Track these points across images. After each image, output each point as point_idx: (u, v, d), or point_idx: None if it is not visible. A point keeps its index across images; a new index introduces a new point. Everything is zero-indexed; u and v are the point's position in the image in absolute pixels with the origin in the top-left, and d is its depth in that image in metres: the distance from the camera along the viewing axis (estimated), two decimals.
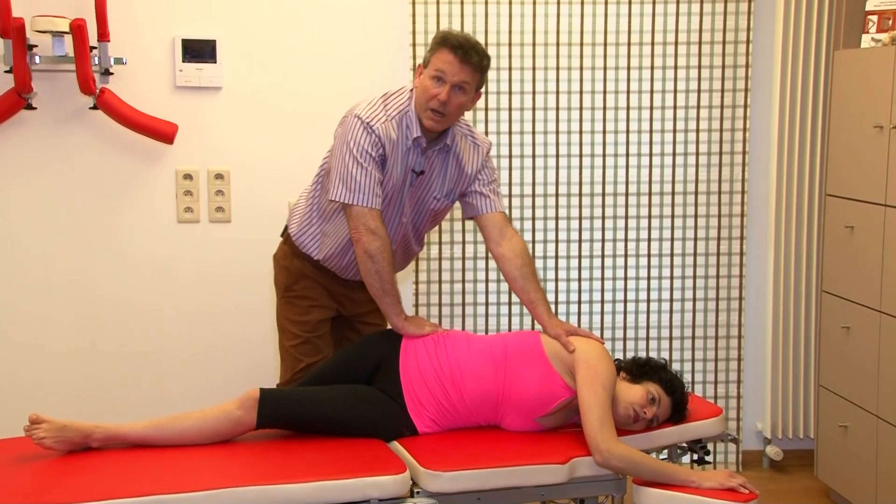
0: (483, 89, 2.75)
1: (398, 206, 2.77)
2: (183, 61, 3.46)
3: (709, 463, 2.81)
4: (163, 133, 3.42)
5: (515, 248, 2.80)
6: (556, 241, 3.72)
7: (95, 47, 3.32)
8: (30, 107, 3.34)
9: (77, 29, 3.20)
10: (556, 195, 3.70)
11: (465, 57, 2.63)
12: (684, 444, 2.79)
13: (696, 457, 2.78)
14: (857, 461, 3.36)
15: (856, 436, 3.37)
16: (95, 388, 3.56)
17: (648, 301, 3.79)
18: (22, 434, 2.41)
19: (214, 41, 3.48)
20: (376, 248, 2.65)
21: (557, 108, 3.67)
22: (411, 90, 2.73)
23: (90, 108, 3.38)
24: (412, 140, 2.69)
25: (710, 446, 2.85)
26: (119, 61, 3.37)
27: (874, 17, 3.37)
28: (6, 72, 3.27)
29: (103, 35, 3.31)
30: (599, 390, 2.50)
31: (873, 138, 3.23)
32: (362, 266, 2.70)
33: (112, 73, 3.37)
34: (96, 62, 3.32)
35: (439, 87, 2.63)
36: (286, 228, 2.95)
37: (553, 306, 3.71)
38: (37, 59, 3.29)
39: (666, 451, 2.80)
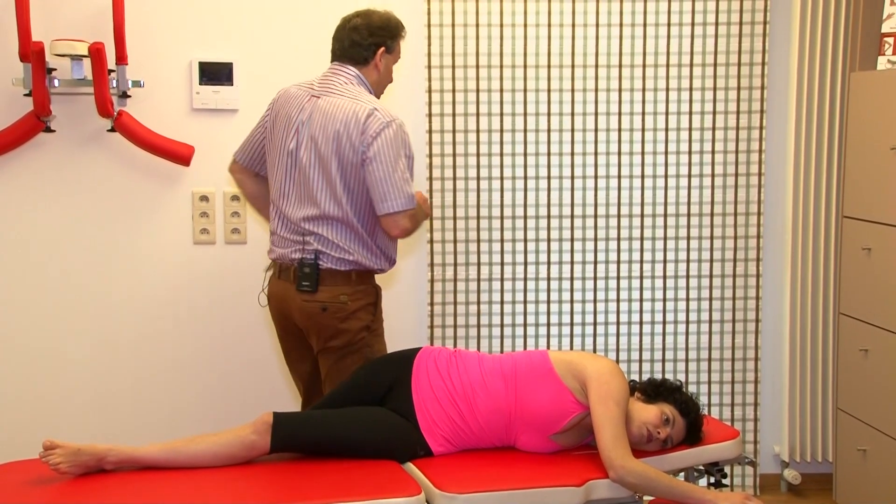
0: None
1: None
2: (200, 84, 3.49)
3: (726, 486, 2.79)
4: (179, 155, 3.44)
5: None
6: (572, 263, 3.72)
7: (114, 70, 3.35)
8: (48, 129, 3.37)
9: (96, 52, 3.23)
10: (572, 216, 3.70)
11: None
12: (701, 467, 2.77)
13: (712, 479, 2.76)
14: (877, 485, 3.33)
15: (875, 460, 3.33)
16: (111, 407, 3.57)
17: (664, 323, 3.77)
18: (38, 455, 2.41)
19: (231, 64, 3.51)
20: (416, 220, 2.84)
21: (573, 130, 3.67)
22: (352, 75, 2.86)
23: (108, 131, 3.41)
24: None
25: (727, 469, 2.83)
26: (137, 84, 3.40)
27: (890, 39, 3.36)
28: (25, 95, 3.30)
29: (121, 58, 3.34)
30: (612, 406, 2.49)
31: (890, 160, 3.22)
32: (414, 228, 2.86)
33: (130, 96, 3.40)
34: (114, 85, 3.35)
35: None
36: (336, 276, 2.82)
37: (568, 328, 3.73)
38: (56, 83, 3.33)
39: (682, 473, 2.78)
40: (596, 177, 3.70)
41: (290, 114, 2.85)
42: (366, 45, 2.85)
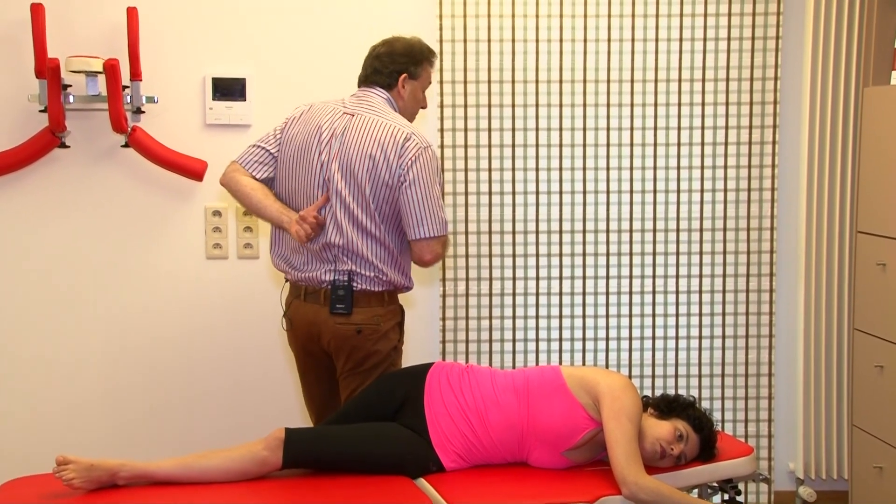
0: None
1: None
2: (213, 99, 3.51)
3: (740, 503, 2.77)
4: (192, 170, 3.46)
5: None
6: (584, 278, 3.71)
7: (128, 86, 3.37)
8: (63, 145, 3.40)
9: (110, 69, 3.26)
10: (584, 231, 3.70)
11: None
12: (715, 484, 2.76)
13: (726, 496, 2.74)
14: (894, 503, 3.30)
15: (891, 477, 3.31)
16: (124, 422, 3.57)
17: (677, 338, 3.76)
18: (51, 470, 2.41)
19: (244, 80, 3.52)
20: (448, 247, 2.91)
21: (584, 145, 3.67)
22: (384, 98, 2.86)
23: (122, 146, 3.43)
24: None
25: (741, 486, 2.81)
26: (151, 100, 3.42)
27: None
28: (41, 111, 3.32)
29: (136, 74, 3.36)
30: (625, 422, 2.48)
31: None
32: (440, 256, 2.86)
33: (144, 112, 3.42)
34: (128, 101, 3.37)
35: (424, 95, 2.96)
36: (368, 298, 2.78)
37: (581, 343, 3.72)
38: (71, 99, 3.35)
39: (696, 490, 2.76)
40: (608, 192, 3.69)
41: (320, 126, 2.79)
42: (387, 72, 2.85)
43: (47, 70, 3.24)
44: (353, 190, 2.73)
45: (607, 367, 3.73)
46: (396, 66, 2.85)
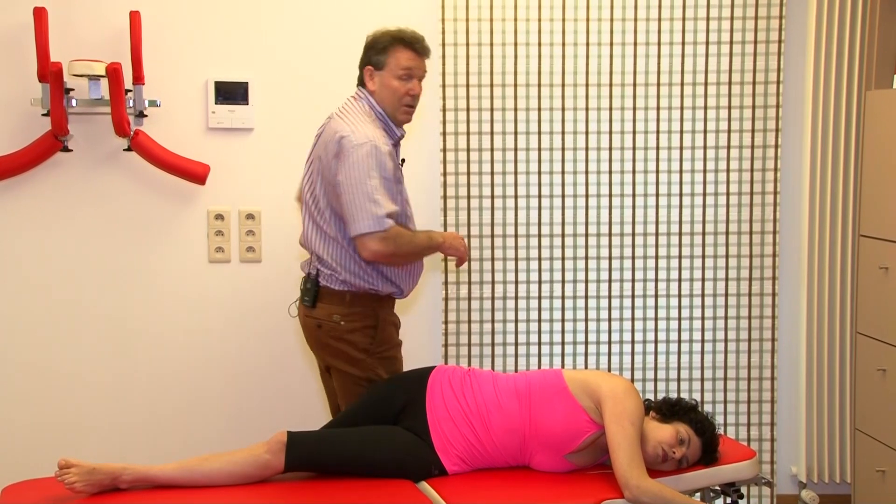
0: None
1: (405, 201, 2.90)
2: (215, 103, 3.51)
3: None
4: (195, 174, 3.46)
5: None
6: (587, 281, 3.71)
7: (130, 90, 3.37)
8: (66, 149, 3.40)
9: (113, 72, 3.26)
10: (586, 235, 3.70)
11: (423, 50, 2.85)
12: (717, 487, 2.76)
13: (729, 500, 2.75)
14: None
15: (894, 480, 3.30)
16: (126, 426, 3.57)
17: (679, 342, 3.75)
18: (53, 474, 2.42)
19: (247, 83, 3.53)
20: (396, 244, 2.71)
21: (587, 149, 3.67)
22: (361, 97, 2.86)
23: (124, 150, 3.43)
24: (397, 140, 2.87)
25: (743, 490, 2.81)
26: (153, 104, 3.42)
27: None
28: (43, 115, 3.33)
29: (138, 78, 3.36)
30: (627, 426, 2.49)
31: None
32: (410, 261, 2.85)
33: (146, 116, 3.42)
34: (131, 105, 3.38)
35: (410, 83, 2.82)
36: (332, 295, 2.82)
37: (583, 346, 3.71)
38: (73, 103, 3.35)
39: (698, 493, 2.76)
40: (610, 195, 3.69)
41: (315, 134, 2.93)
42: (359, 70, 2.90)
43: (50, 74, 3.25)
44: (313, 190, 2.84)
45: (609, 370, 3.73)
46: (362, 62, 2.89)
